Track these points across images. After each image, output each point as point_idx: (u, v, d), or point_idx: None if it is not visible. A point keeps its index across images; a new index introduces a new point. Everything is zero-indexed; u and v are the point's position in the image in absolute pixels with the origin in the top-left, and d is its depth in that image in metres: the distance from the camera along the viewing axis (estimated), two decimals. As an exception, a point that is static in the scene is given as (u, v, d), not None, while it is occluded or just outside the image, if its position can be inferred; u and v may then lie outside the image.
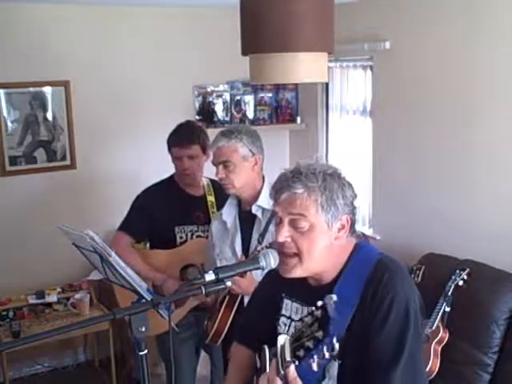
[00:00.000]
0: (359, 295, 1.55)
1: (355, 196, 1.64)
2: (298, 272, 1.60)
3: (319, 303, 1.30)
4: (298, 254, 1.58)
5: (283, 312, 1.76)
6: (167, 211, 2.86)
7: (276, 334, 1.75)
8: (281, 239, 1.58)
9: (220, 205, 2.82)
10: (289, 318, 1.74)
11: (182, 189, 2.93)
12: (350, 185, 1.63)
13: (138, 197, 2.96)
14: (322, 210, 1.55)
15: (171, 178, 2.98)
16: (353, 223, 1.63)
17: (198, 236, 2.90)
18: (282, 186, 1.59)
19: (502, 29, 3.09)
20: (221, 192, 2.67)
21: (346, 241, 1.64)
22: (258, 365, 1.80)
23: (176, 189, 2.93)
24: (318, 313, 1.29)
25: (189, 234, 2.90)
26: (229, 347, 1.98)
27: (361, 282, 1.57)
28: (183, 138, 2.84)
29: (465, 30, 3.28)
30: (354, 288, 1.57)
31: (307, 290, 1.67)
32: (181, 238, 2.89)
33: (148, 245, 3.17)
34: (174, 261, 2.85)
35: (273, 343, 1.76)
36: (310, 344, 1.28)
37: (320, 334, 1.26)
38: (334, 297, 1.30)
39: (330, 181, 1.57)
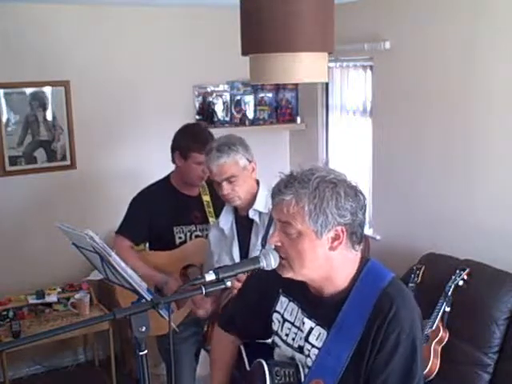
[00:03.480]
0: (363, 326, 1.51)
1: (361, 207, 1.53)
2: (289, 274, 1.58)
3: None
4: (287, 259, 1.56)
5: (277, 308, 1.73)
6: (165, 212, 2.86)
7: (269, 329, 1.75)
8: (271, 243, 1.57)
9: (216, 204, 2.84)
10: (282, 315, 1.72)
11: (178, 189, 2.93)
12: (354, 195, 1.53)
13: (134, 199, 2.95)
14: (309, 218, 1.49)
15: (166, 178, 2.98)
16: (353, 234, 1.53)
17: (196, 236, 2.90)
18: (274, 190, 1.57)
19: (502, 29, 3.09)
20: (215, 191, 2.69)
21: (349, 253, 1.57)
22: (248, 367, 1.78)
23: (172, 189, 2.93)
24: None
25: (188, 234, 2.90)
26: None
27: (366, 312, 1.52)
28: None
29: (465, 30, 3.28)
30: (358, 318, 1.53)
31: (307, 297, 1.65)
32: (180, 238, 2.89)
33: (147, 246, 3.17)
34: (173, 262, 2.85)
35: (261, 337, 1.76)
36: None
37: None
38: None
39: (323, 188, 1.49)
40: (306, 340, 1.62)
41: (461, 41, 3.31)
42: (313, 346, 1.60)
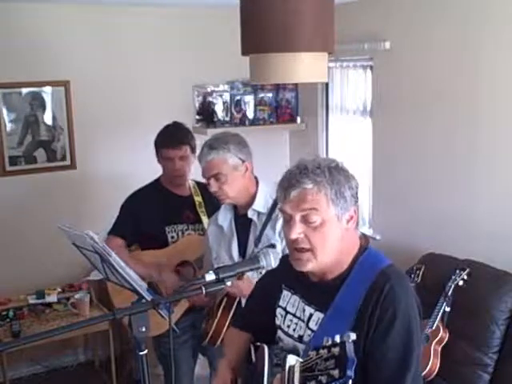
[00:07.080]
0: (358, 307, 1.55)
1: (358, 186, 1.66)
2: (312, 265, 1.60)
3: (337, 338, 1.27)
4: (311, 249, 1.58)
5: (280, 303, 1.78)
6: (156, 212, 2.88)
7: (274, 325, 1.78)
8: (294, 236, 1.58)
9: (208, 204, 2.87)
10: (284, 309, 1.75)
11: (169, 190, 2.96)
12: (353, 176, 1.66)
13: (125, 201, 2.99)
14: (332, 203, 1.57)
15: (157, 180, 3.01)
16: (358, 212, 1.66)
17: (188, 235, 2.92)
18: (290, 183, 1.58)
19: (503, 28, 3.09)
20: (207, 192, 2.71)
21: (355, 233, 1.66)
22: (254, 358, 1.80)
23: (163, 190, 2.96)
24: (336, 350, 1.25)
25: (180, 233, 2.92)
26: None
27: (362, 291, 1.56)
28: (174, 139, 2.89)
29: (465, 30, 3.28)
30: (354, 298, 1.56)
31: (308, 286, 1.68)
32: (172, 237, 2.91)
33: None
34: (167, 259, 2.86)
35: (270, 335, 1.78)
36: (323, 379, 1.25)
37: (336, 372, 1.23)
38: (353, 335, 1.26)
39: (336, 174, 1.59)
40: (307, 327, 1.65)
41: (461, 40, 3.31)
42: (312, 331, 1.63)
